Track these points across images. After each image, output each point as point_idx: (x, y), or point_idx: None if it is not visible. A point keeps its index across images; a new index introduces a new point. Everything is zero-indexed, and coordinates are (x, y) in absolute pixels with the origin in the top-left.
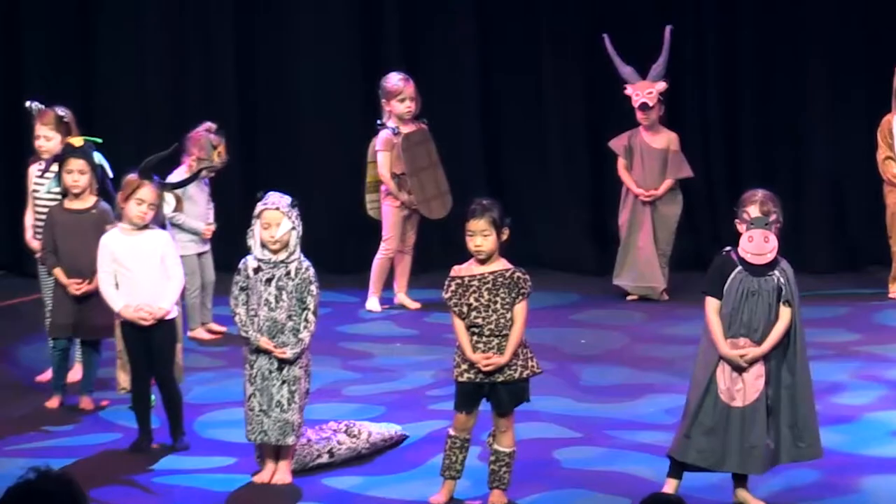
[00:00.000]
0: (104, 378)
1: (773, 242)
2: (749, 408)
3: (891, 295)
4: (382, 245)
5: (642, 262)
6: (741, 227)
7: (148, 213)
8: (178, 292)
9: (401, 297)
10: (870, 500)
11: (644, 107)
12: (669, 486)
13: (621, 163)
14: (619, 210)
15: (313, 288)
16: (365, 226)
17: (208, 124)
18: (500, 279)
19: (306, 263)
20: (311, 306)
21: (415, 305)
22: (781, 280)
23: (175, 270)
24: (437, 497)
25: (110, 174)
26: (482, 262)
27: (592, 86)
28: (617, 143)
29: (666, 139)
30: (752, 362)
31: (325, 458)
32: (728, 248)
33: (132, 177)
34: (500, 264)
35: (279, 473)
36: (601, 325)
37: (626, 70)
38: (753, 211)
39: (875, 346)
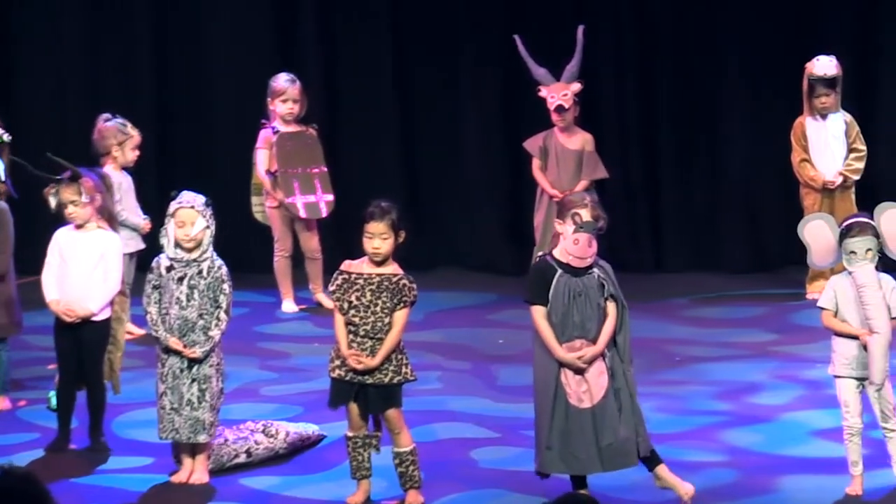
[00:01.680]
0: (18, 379)
1: (595, 247)
2: (598, 407)
3: (808, 296)
4: (275, 246)
5: None
6: (563, 228)
7: (75, 211)
8: (111, 296)
9: (318, 296)
10: (787, 500)
11: (560, 109)
12: None
13: (536, 163)
14: (535, 211)
15: (226, 286)
16: (268, 228)
17: (105, 115)
18: (386, 283)
19: (219, 262)
20: (224, 305)
21: (332, 304)
22: (602, 276)
23: (113, 274)
24: (355, 497)
25: (1, 177)
26: (377, 263)
27: (508, 86)
28: (532, 144)
29: (581, 140)
30: (590, 362)
31: (242, 458)
32: (542, 254)
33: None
34: (391, 268)
35: (196, 473)
36: (518, 325)
37: (539, 72)
38: (585, 214)
39: (792, 346)
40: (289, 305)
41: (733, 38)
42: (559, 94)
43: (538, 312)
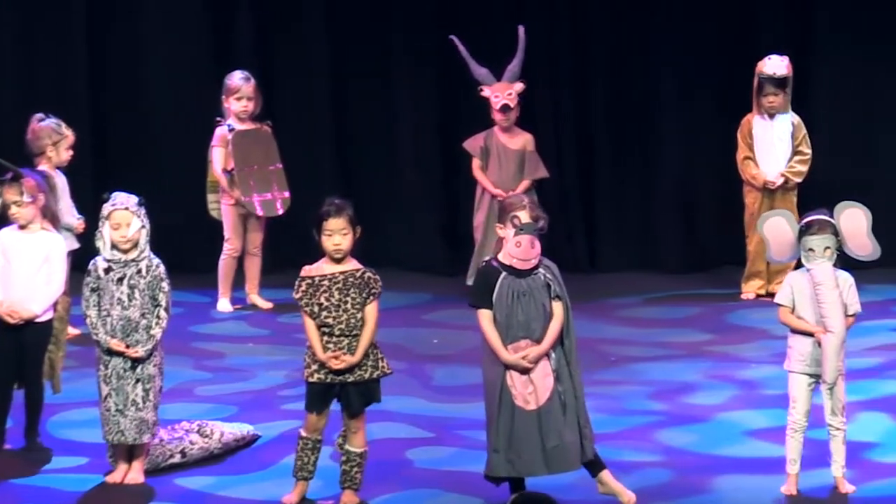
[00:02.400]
0: None
1: (538, 247)
2: (544, 408)
3: (743, 295)
4: (224, 245)
5: None
6: (504, 232)
7: (18, 211)
8: (54, 298)
9: (253, 297)
10: (722, 500)
11: (505, 108)
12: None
13: (476, 163)
14: (474, 211)
15: (164, 285)
16: (216, 225)
17: (38, 115)
18: (351, 279)
19: (156, 261)
20: (164, 303)
21: (267, 305)
22: (548, 276)
23: (56, 276)
24: (290, 497)
25: None
26: (337, 261)
27: (443, 86)
28: (472, 144)
29: (522, 140)
30: (535, 361)
31: (177, 458)
32: (488, 258)
33: None
34: (352, 264)
35: (132, 473)
36: (453, 325)
37: (481, 72)
38: (524, 216)
39: (727, 346)
40: (224, 305)
41: (669, 38)
42: (504, 93)
43: (484, 316)
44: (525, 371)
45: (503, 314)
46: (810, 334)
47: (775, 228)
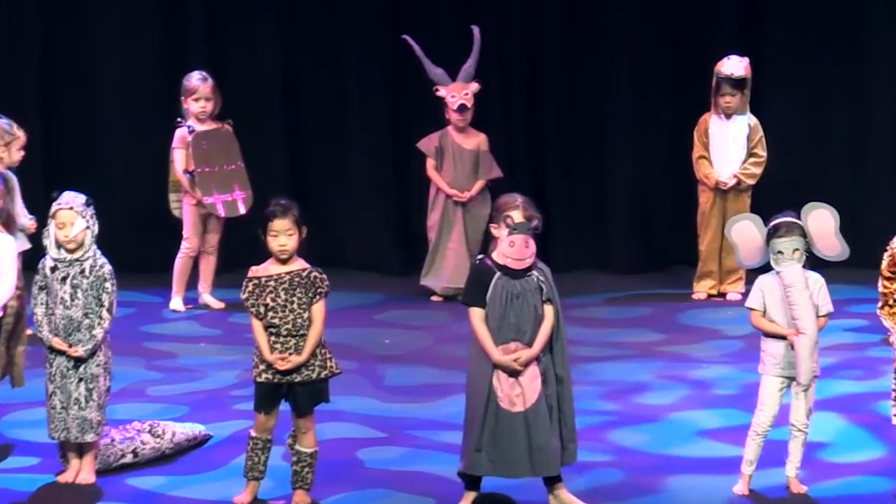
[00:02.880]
0: None
1: (533, 247)
2: (531, 410)
3: (695, 295)
4: (183, 244)
5: (453, 263)
6: (498, 232)
7: None
8: (5, 299)
9: (205, 297)
10: (673, 500)
11: (462, 108)
12: (467, 501)
13: (430, 163)
14: (429, 211)
15: (108, 285)
16: (169, 225)
17: None
18: (297, 279)
19: (102, 261)
20: (107, 303)
21: (219, 305)
22: (541, 279)
23: (7, 276)
24: (241, 497)
25: None
26: (283, 261)
27: (396, 86)
28: (427, 144)
29: (477, 140)
30: (526, 364)
31: (128, 458)
32: (482, 256)
33: None
34: (298, 264)
35: (83, 473)
36: (405, 325)
37: (436, 72)
38: (517, 216)
39: (679, 346)
40: (177, 303)
41: (621, 36)
42: (460, 93)
43: (476, 314)
44: (514, 373)
45: (496, 315)
46: (783, 337)
47: (743, 233)
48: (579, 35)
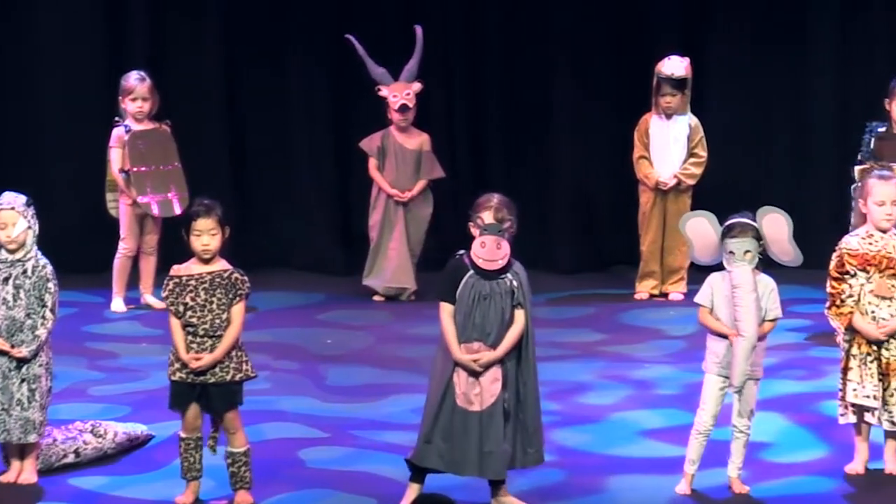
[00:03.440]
0: None
1: (506, 249)
2: (486, 412)
3: (637, 295)
4: (120, 245)
5: (394, 263)
6: (475, 231)
7: None
8: None
9: (147, 297)
10: (615, 500)
11: (404, 108)
12: (412, 491)
13: (373, 163)
14: (370, 211)
15: (51, 285)
16: (110, 225)
17: None
18: (218, 280)
19: (43, 261)
20: (49, 304)
21: (160, 305)
22: (514, 283)
23: None
24: (183, 497)
25: None
26: (206, 261)
27: (338, 85)
28: (369, 144)
29: (419, 140)
30: (487, 366)
31: (70, 458)
32: (461, 252)
33: None
34: (220, 265)
35: (24, 473)
36: (347, 325)
37: (378, 71)
38: (487, 217)
39: (620, 345)
40: (118, 304)
41: (564, 36)
42: (402, 93)
43: (444, 310)
44: (475, 373)
45: (462, 313)
46: (725, 336)
47: (697, 229)
48: (522, 35)
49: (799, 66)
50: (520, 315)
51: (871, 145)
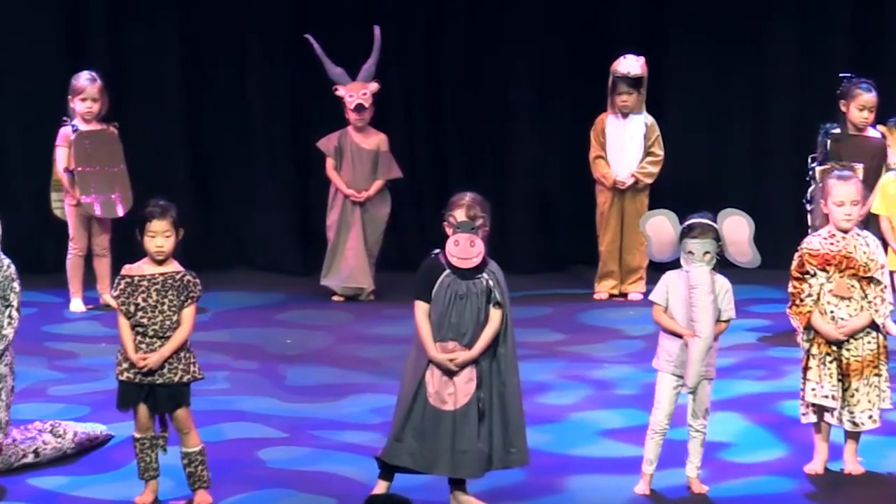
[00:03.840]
0: None
1: (480, 247)
2: (460, 412)
3: (596, 295)
4: (70, 245)
5: (351, 263)
6: (449, 230)
7: None
8: None
9: (106, 297)
10: (575, 500)
11: (359, 108)
12: (380, 489)
13: (330, 163)
14: (328, 211)
15: (16, 285)
16: (65, 225)
17: None
18: (171, 281)
19: (7, 261)
20: (15, 303)
21: None
22: (491, 282)
23: None
24: (143, 497)
25: None
26: (158, 262)
27: (297, 85)
28: (326, 144)
29: (376, 140)
30: (462, 366)
31: (30, 458)
32: (437, 251)
33: None
34: (172, 266)
35: None
36: (307, 325)
37: (336, 71)
38: (460, 215)
39: (580, 345)
40: (77, 305)
41: (522, 37)
42: (358, 93)
43: (420, 308)
44: (449, 372)
45: (437, 312)
46: (680, 336)
47: (657, 227)
48: (481, 36)
49: (758, 66)
50: (495, 314)
51: (828, 147)
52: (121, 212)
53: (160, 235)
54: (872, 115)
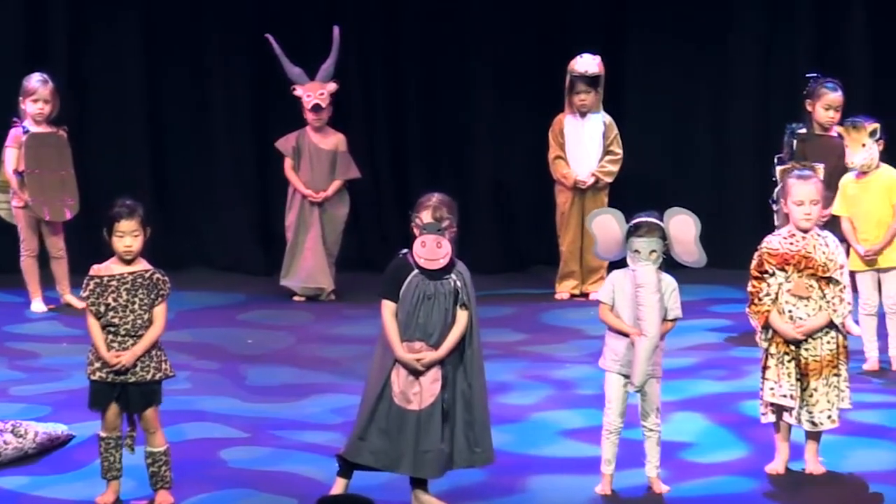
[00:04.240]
0: None
1: (447, 248)
2: (425, 412)
3: (557, 295)
4: (21, 246)
5: (310, 263)
6: (416, 231)
7: None
8: None
9: (67, 297)
10: (536, 500)
11: (317, 108)
12: (339, 486)
13: (288, 163)
14: (286, 211)
15: None
16: (13, 226)
17: None
18: (140, 280)
19: None
20: None
21: (81, 305)
22: (458, 283)
23: None
24: (104, 497)
25: None
26: (127, 262)
27: (258, 85)
28: (284, 144)
29: (334, 140)
30: (428, 366)
31: None
32: (405, 251)
33: None
34: (141, 265)
35: None
36: (268, 325)
37: (294, 71)
38: (426, 216)
39: (541, 346)
40: (38, 305)
41: (483, 37)
42: (315, 93)
43: (386, 307)
44: (415, 372)
45: (405, 312)
46: (626, 334)
47: (604, 225)
48: (442, 36)
49: (719, 65)
50: (462, 316)
51: (794, 147)
52: (68, 215)
53: (128, 235)
54: (838, 115)
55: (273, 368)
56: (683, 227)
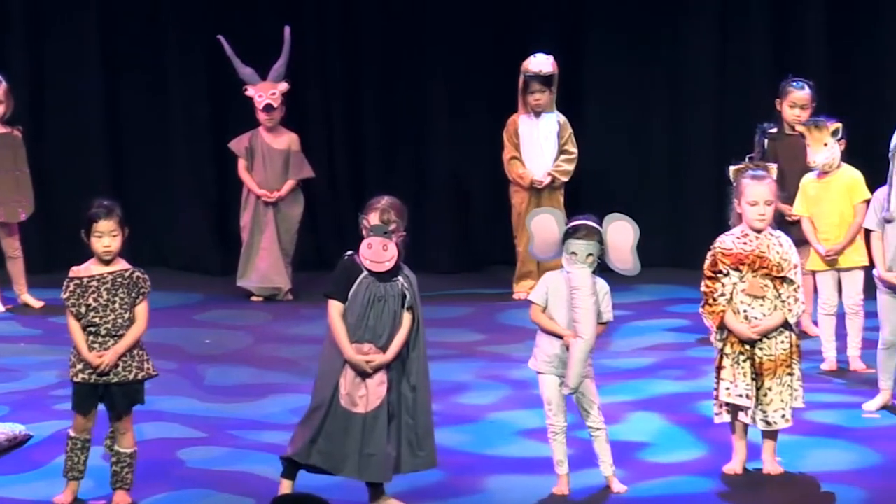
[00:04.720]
0: None
1: (393, 251)
2: (371, 415)
3: (515, 295)
4: None
5: (266, 263)
6: (364, 232)
7: None
8: None
9: (24, 297)
10: (493, 500)
11: (268, 108)
12: (285, 488)
13: (242, 164)
14: (241, 211)
15: None
16: None
17: None
18: (120, 279)
19: None
20: None
21: (38, 304)
22: (405, 286)
23: None
24: (62, 497)
25: None
26: (106, 262)
27: (215, 85)
28: (238, 145)
29: (287, 140)
30: (377, 369)
31: None
32: (351, 252)
33: None
34: (120, 265)
35: None
36: (225, 325)
37: (245, 71)
38: (374, 218)
39: (498, 345)
40: None
41: (439, 36)
42: (267, 93)
43: (334, 308)
44: (363, 374)
45: (354, 314)
46: (560, 336)
47: (542, 225)
48: (398, 36)
49: (677, 65)
50: (407, 318)
51: (766, 146)
52: (23, 216)
53: (107, 235)
54: (805, 113)
55: (231, 368)
56: (622, 233)
